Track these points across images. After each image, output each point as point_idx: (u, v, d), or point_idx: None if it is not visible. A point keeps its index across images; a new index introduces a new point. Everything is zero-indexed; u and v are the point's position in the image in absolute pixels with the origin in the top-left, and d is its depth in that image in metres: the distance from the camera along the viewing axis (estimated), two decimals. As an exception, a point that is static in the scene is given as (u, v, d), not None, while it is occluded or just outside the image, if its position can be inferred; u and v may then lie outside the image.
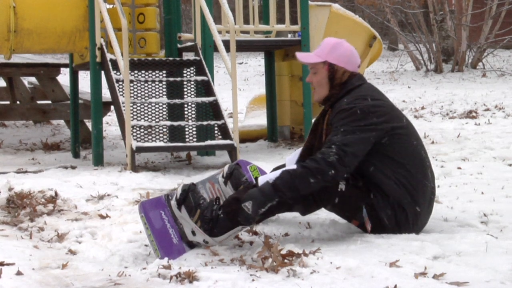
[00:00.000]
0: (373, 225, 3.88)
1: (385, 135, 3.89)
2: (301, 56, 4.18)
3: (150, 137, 6.47)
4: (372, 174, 3.90)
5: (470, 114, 9.88)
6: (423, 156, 4.00)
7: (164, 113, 6.77)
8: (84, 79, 11.95)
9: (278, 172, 3.81)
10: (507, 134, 7.95)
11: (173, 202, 3.85)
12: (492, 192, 5.13)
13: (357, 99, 3.94)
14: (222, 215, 3.82)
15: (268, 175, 3.85)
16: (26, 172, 6.32)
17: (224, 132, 6.52)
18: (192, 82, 6.94)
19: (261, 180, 3.83)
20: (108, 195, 5.14)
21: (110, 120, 10.39)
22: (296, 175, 3.75)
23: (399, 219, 3.87)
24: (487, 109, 10.49)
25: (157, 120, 6.64)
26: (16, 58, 8.68)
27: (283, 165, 4.22)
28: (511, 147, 7.08)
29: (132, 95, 6.65)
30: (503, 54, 19.73)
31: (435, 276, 3.20)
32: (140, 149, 6.25)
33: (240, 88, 14.34)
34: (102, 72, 6.83)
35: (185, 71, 7.15)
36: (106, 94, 7.23)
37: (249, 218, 3.72)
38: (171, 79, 6.93)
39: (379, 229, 3.88)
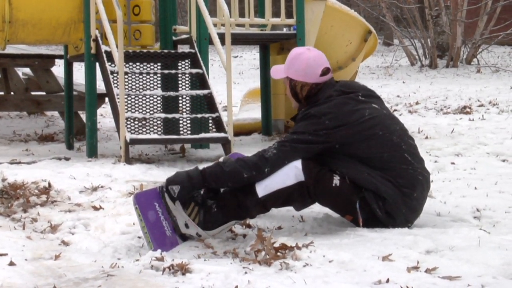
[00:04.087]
0: (367, 219, 3.89)
1: (340, 135, 3.87)
2: (272, 71, 4.26)
3: (144, 129, 6.46)
4: (344, 173, 3.90)
5: (464, 110, 9.90)
6: (396, 141, 3.94)
7: (159, 105, 6.76)
8: (79, 71, 11.92)
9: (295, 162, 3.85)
10: (501, 130, 7.97)
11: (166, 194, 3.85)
12: (485, 187, 5.14)
13: (309, 108, 3.97)
14: (215, 209, 3.83)
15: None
16: (19, 163, 6.31)
17: (218, 125, 6.51)
18: (187, 75, 6.93)
19: (258, 182, 3.85)
20: (102, 186, 5.14)
21: (104, 112, 10.37)
22: (230, 168, 3.82)
23: (389, 209, 3.86)
24: (481, 105, 10.51)
25: (151, 112, 6.64)
26: (11, 49, 8.65)
27: None
28: (505, 143, 7.09)
29: (126, 87, 6.64)
30: (497, 50, 19.76)
31: (427, 270, 3.21)
32: (134, 141, 6.25)
33: (235, 82, 14.34)
34: (97, 64, 6.82)
35: (180, 64, 7.14)
36: (100, 86, 7.22)
37: (173, 200, 3.81)
38: (166, 71, 6.92)
39: (373, 222, 3.89)
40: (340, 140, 3.87)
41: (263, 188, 3.82)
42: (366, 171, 3.87)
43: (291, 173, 3.83)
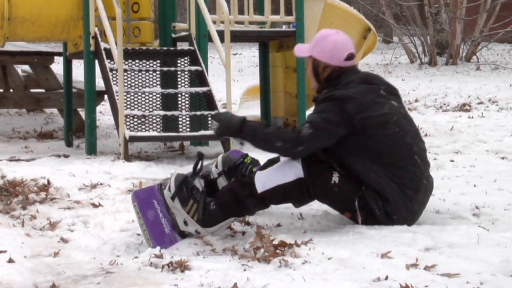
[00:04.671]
0: (365, 217, 3.88)
1: (360, 123, 3.87)
2: (296, 49, 4.18)
3: (143, 126, 6.46)
4: (352, 167, 3.90)
5: (463, 107, 9.91)
6: (409, 141, 3.95)
7: (158, 103, 6.76)
8: (78, 68, 11.91)
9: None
10: (500, 128, 7.97)
11: (166, 192, 3.85)
12: (485, 185, 5.14)
13: (333, 90, 3.95)
14: (214, 206, 3.82)
15: (265, 174, 3.86)
16: (18, 160, 6.31)
17: (218, 122, 6.50)
18: (186, 72, 6.93)
19: (257, 178, 3.83)
20: (101, 184, 5.14)
21: (103, 109, 10.37)
22: (269, 131, 3.88)
23: (388, 210, 3.86)
24: (481, 103, 10.52)
25: (150, 109, 6.64)
26: (10, 46, 8.65)
27: (277, 158, 4.22)
28: (504, 140, 7.09)
29: (125, 84, 6.63)
30: (497, 48, 19.75)
31: (426, 268, 3.21)
32: (133, 139, 6.25)
33: (234, 79, 14.34)
34: (96, 61, 6.82)
35: (179, 61, 7.13)
36: (99, 83, 7.21)
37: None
38: (165, 68, 6.92)
39: (372, 220, 3.88)
40: (358, 127, 3.86)
41: (262, 184, 3.81)
42: (374, 169, 3.86)
43: (290, 169, 3.82)
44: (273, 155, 4.09)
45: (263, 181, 3.82)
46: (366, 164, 3.88)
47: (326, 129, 3.84)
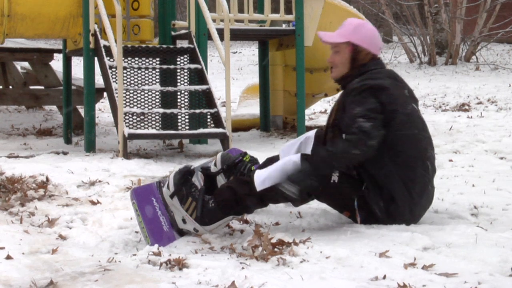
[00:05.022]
0: (365, 217, 3.88)
1: (388, 116, 3.89)
2: (324, 35, 4.14)
3: (142, 124, 6.46)
4: (367, 161, 3.89)
5: (462, 107, 9.90)
6: (424, 146, 3.98)
7: (157, 100, 6.76)
8: (77, 65, 11.93)
9: (293, 157, 3.81)
10: (499, 128, 7.97)
11: (164, 190, 3.85)
12: (483, 184, 5.14)
13: (367, 79, 3.96)
14: (213, 205, 3.82)
15: (264, 172, 3.84)
16: (17, 157, 6.31)
17: (217, 120, 6.51)
18: (186, 70, 6.93)
19: (257, 176, 3.81)
20: (100, 181, 5.14)
21: (102, 107, 10.37)
22: (337, 149, 3.77)
23: (391, 211, 3.86)
24: (480, 103, 10.51)
25: (149, 107, 6.64)
26: (9, 43, 8.65)
27: (277, 156, 4.22)
28: (503, 140, 7.09)
29: (125, 82, 6.63)
30: (496, 48, 19.74)
31: (424, 267, 3.21)
32: (132, 136, 6.24)
33: (233, 77, 14.32)
34: (96, 59, 6.82)
35: (178, 59, 7.13)
36: (99, 81, 7.22)
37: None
38: (165, 66, 6.92)
39: (370, 221, 3.88)
40: (386, 120, 3.88)
41: (262, 182, 3.80)
42: (388, 167, 3.86)
43: (290, 167, 3.81)
44: (271, 153, 4.09)
45: (263, 179, 3.80)
46: (382, 161, 3.88)
47: (376, 117, 3.85)
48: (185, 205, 3.81)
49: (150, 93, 6.69)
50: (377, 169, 3.88)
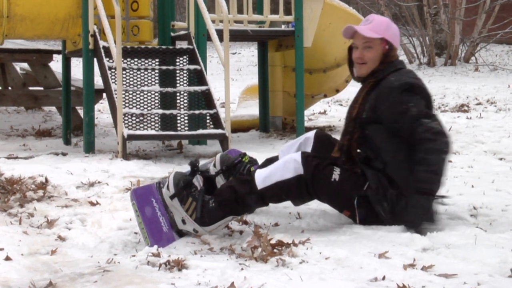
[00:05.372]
0: (364, 216, 3.88)
1: None
2: (362, 29, 4.05)
3: (141, 125, 6.46)
4: (386, 158, 3.89)
5: (462, 108, 9.91)
6: None
7: (156, 101, 6.75)
8: (77, 66, 11.93)
9: (294, 155, 3.82)
10: (498, 128, 7.98)
11: (164, 190, 3.84)
12: (482, 185, 5.14)
13: (405, 77, 3.99)
14: (213, 205, 3.81)
15: (265, 170, 3.84)
16: (17, 158, 6.31)
17: (216, 121, 6.51)
18: (185, 71, 6.93)
19: (258, 175, 3.81)
20: (99, 182, 5.13)
21: (102, 108, 10.37)
22: (435, 159, 3.77)
23: (398, 210, 3.85)
24: (479, 103, 10.52)
25: (149, 108, 6.63)
26: (9, 44, 8.65)
27: (276, 157, 4.22)
28: (502, 141, 7.09)
29: (124, 83, 6.63)
30: (496, 49, 19.75)
31: (423, 268, 3.21)
32: (131, 137, 6.24)
33: (233, 78, 14.32)
34: (95, 59, 6.82)
35: (178, 60, 7.14)
36: (98, 82, 7.22)
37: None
38: (164, 67, 6.92)
39: (370, 220, 3.87)
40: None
41: (262, 180, 3.79)
42: (405, 167, 3.86)
43: (290, 165, 3.80)
44: (270, 154, 4.08)
45: (263, 177, 3.80)
46: (401, 163, 3.88)
47: (434, 113, 3.93)
48: (185, 205, 3.81)
49: (149, 94, 6.69)
50: (397, 174, 3.87)
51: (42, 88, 8.96)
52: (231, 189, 3.81)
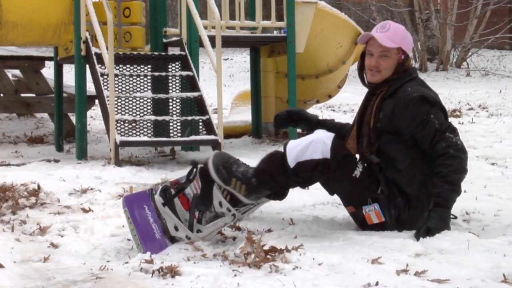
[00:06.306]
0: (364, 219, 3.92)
1: None
2: (379, 37, 4.02)
3: (134, 131, 6.45)
4: (402, 167, 3.93)
5: (454, 113, 9.92)
6: None
7: (149, 107, 6.75)
8: (69, 73, 11.90)
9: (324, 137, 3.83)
10: (490, 134, 7.99)
11: (157, 197, 3.84)
12: (475, 190, 5.15)
13: (421, 88, 4.00)
14: (256, 183, 3.78)
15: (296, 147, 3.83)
16: (9, 165, 6.30)
17: (209, 127, 6.51)
18: (177, 77, 6.93)
19: (289, 152, 3.80)
20: (91, 189, 5.12)
21: (94, 114, 10.35)
22: (459, 170, 3.90)
23: (402, 219, 3.90)
24: (471, 108, 10.54)
25: (141, 114, 6.63)
26: (1, 51, 8.64)
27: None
28: (494, 146, 7.11)
29: (116, 89, 6.63)
30: (487, 54, 19.80)
31: (416, 273, 3.21)
32: (124, 144, 6.24)
33: (225, 84, 14.31)
34: (87, 66, 6.81)
35: (170, 66, 7.14)
36: (90, 88, 7.20)
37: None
38: (156, 73, 6.92)
39: (375, 225, 3.89)
40: None
41: (294, 159, 3.79)
42: (419, 178, 3.91)
43: (319, 147, 3.80)
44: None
45: (295, 155, 3.79)
46: (415, 173, 3.92)
47: (454, 125, 3.98)
48: (231, 185, 3.77)
49: (141, 100, 6.68)
50: (409, 179, 3.91)
51: (34, 95, 8.94)
52: (267, 172, 3.80)
